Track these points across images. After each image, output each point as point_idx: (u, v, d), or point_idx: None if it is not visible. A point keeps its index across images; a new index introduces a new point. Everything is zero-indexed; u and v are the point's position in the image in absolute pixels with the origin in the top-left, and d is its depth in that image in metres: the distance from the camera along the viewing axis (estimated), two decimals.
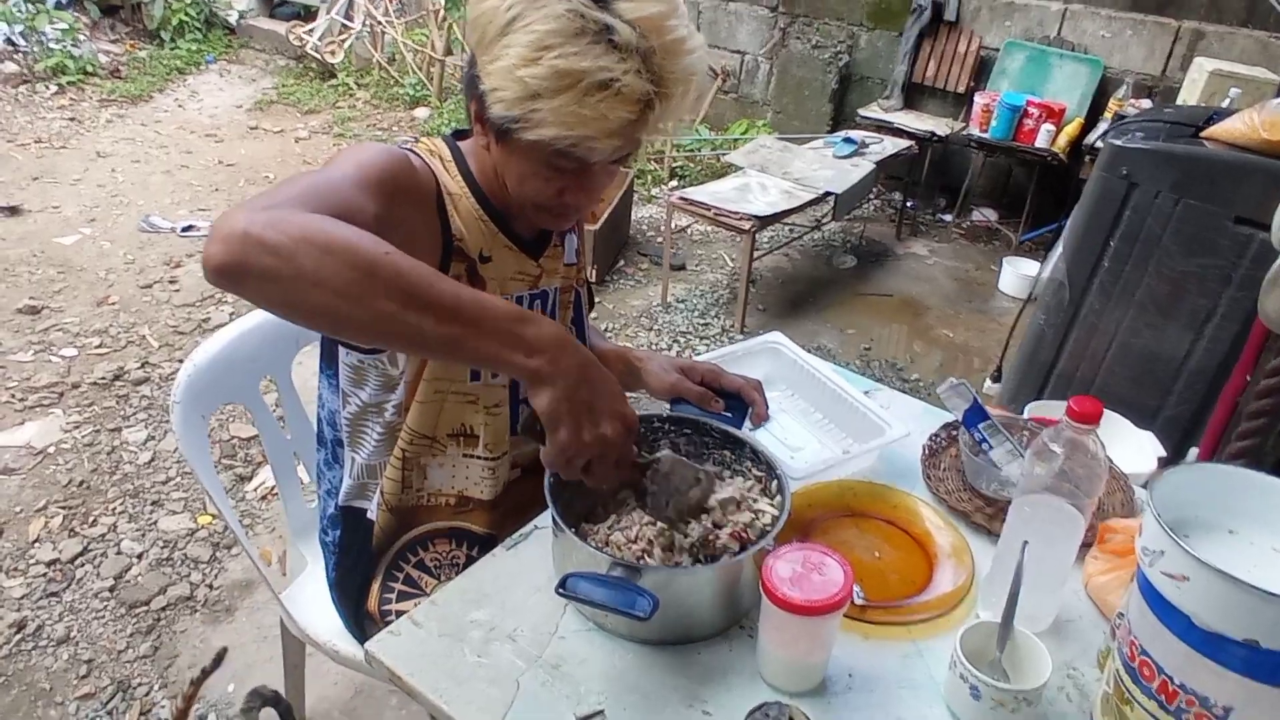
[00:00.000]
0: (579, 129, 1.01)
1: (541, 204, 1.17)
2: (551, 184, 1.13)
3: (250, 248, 0.81)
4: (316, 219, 0.85)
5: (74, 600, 2.31)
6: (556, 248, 1.35)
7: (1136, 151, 2.10)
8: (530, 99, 1.00)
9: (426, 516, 1.37)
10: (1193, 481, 0.86)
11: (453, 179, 1.21)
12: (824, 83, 5.46)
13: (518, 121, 1.03)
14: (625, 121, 1.02)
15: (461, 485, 1.35)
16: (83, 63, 6.11)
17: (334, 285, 0.83)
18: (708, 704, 1.01)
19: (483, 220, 1.23)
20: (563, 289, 1.38)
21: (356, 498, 1.38)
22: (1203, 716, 0.81)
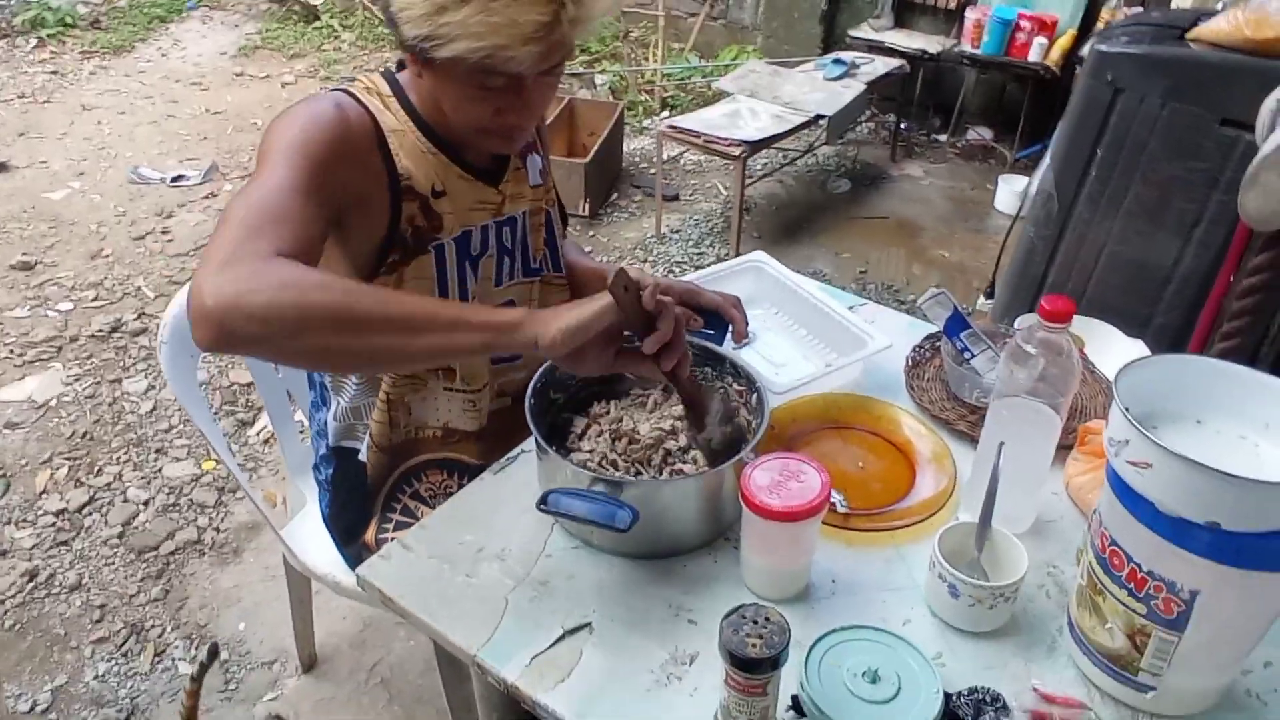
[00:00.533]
0: (491, 38, 0.99)
1: (483, 128, 1.15)
2: (486, 104, 1.11)
3: (228, 323, 0.86)
4: (276, 275, 0.88)
5: (84, 548, 2.35)
6: (519, 170, 1.33)
7: (1122, 56, 2.07)
8: (436, 13, 0.99)
9: (417, 449, 1.39)
10: (1160, 374, 0.86)
11: (394, 115, 1.19)
12: (813, 4, 5.33)
13: (429, 40, 1.01)
14: (537, 24, 1.00)
15: (445, 418, 1.36)
16: (61, 14, 5.99)
17: (316, 336, 0.89)
18: (693, 612, 1.04)
19: (431, 153, 1.21)
20: (532, 212, 1.36)
21: (346, 438, 1.39)
22: (1171, 601, 0.82)
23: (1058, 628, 1.01)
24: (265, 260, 0.90)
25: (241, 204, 0.97)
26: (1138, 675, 0.89)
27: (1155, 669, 0.87)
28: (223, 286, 0.86)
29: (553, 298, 1.43)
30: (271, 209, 0.97)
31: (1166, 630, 0.84)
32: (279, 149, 1.04)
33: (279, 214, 0.97)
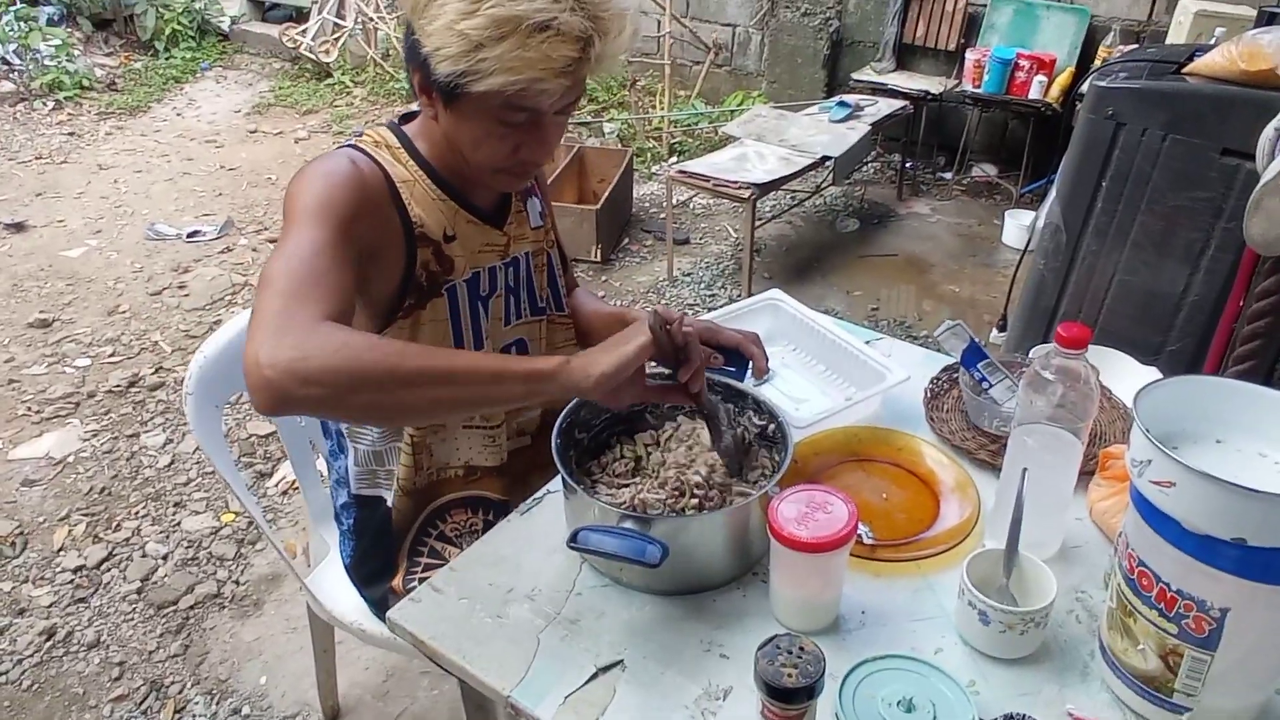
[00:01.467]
0: (526, 72, 1.04)
1: (499, 166, 1.19)
2: (506, 141, 1.16)
3: (287, 388, 0.90)
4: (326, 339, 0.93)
5: (102, 605, 2.35)
6: (520, 213, 1.37)
7: (1121, 91, 2.11)
8: (474, 50, 1.03)
9: (440, 490, 1.40)
10: (1179, 395, 0.88)
11: (404, 166, 1.23)
12: (815, 49, 5.43)
13: (465, 76, 1.05)
14: (569, 60, 1.05)
15: (467, 456, 1.38)
16: (78, 77, 6.14)
17: (368, 394, 0.93)
18: (724, 647, 1.04)
19: (440, 200, 1.25)
20: (534, 253, 1.40)
21: (368, 485, 1.41)
22: (1201, 619, 0.83)
23: (1089, 652, 1.01)
24: (313, 326, 0.94)
25: (278, 270, 1.00)
26: (1172, 696, 0.89)
27: (1190, 689, 0.87)
28: (277, 355, 0.90)
29: (558, 335, 1.47)
30: (308, 273, 1.01)
31: (1199, 649, 0.84)
32: (303, 210, 1.08)
33: (315, 277, 1.01)
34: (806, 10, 5.43)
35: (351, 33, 6.67)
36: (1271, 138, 1.72)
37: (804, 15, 5.43)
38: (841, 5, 5.35)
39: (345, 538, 1.48)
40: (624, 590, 1.12)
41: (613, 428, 1.28)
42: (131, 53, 6.90)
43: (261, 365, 0.90)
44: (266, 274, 1.00)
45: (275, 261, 1.02)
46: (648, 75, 6.08)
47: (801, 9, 5.44)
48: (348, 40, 6.67)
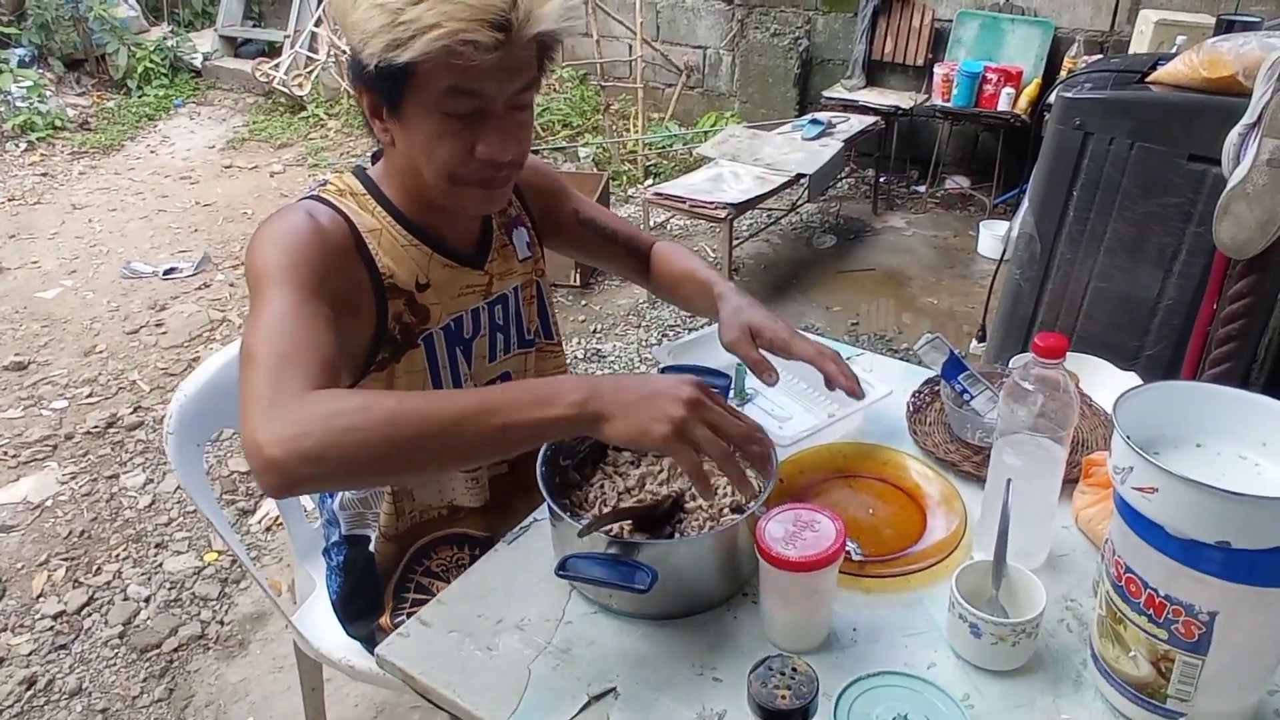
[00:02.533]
0: (449, 24, 0.98)
1: (457, 173, 1.12)
2: (460, 139, 1.09)
3: (291, 469, 0.86)
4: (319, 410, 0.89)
5: (83, 651, 2.31)
6: (506, 247, 1.34)
7: (1087, 101, 2.14)
8: (395, 16, 0.98)
9: (424, 530, 1.39)
10: (1158, 400, 0.89)
11: (370, 214, 1.19)
12: (786, 69, 5.49)
13: (390, 49, 1.00)
14: (494, 9, 0.99)
15: (449, 496, 1.37)
16: (50, 118, 6.11)
17: (374, 459, 0.88)
18: (717, 669, 1.03)
19: (412, 245, 1.20)
20: (523, 285, 1.37)
21: (357, 525, 1.39)
22: (1191, 624, 0.83)
23: (1081, 661, 1.01)
24: (303, 398, 0.91)
25: (257, 344, 0.97)
26: (1166, 702, 0.89)
27: (1183, 694, 0.87)
28: (276, 434, 0.87)
29: (547, 363, 1.44)
30: (288, 342, 0.97)
31: (1190, 654, 0.85)
32: (269, 276, 1.04)
33: (296, 344, 0.97)
34: (776, 31, 5.49)
35: (324, 66, 6.68)
36: (1236, 143, 1.75)
37: (773, 35, 5.49)
38: (810, 24, 5.42)
39: (333, 574, 1.47)
40: (614, 616, 1.11)
41: (598, 453, 1.28)
42: (104, 92, 6.88)
43: (263, 447, 0.87)
44: (246, 349, 0.97)
45: (252, 335, 0.98)
46: (621, 99, 6.12)
47: (771, 29, 5.51)
48: (320, 73, 6.68)
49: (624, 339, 3.69)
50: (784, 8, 5.44)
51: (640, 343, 3.67)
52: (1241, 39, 1.95)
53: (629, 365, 3.51)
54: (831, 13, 5.32)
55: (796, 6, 5.40)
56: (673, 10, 5.85)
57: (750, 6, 5.54)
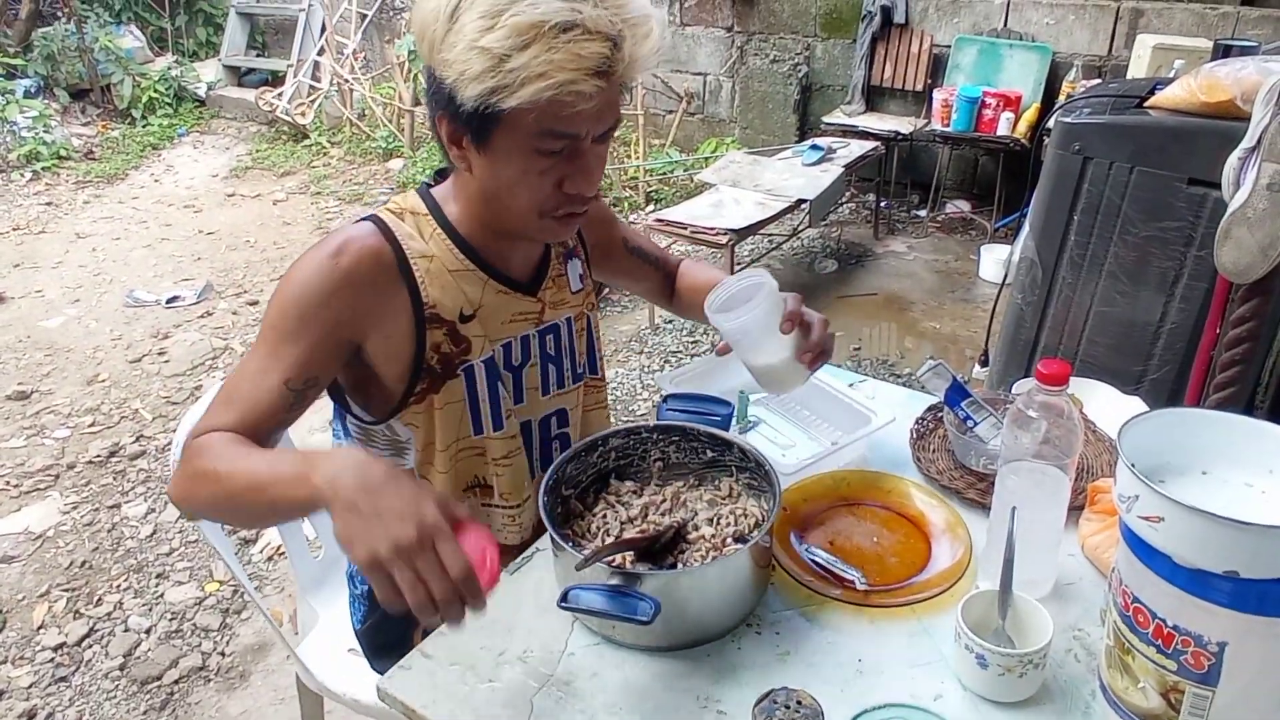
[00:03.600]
0: (557, 75, 0.97)
1: (544, 207, 1.12)
2: (547, 177, 1.09)
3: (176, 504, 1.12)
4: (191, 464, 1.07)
5: (84, 683, 2.29)
6: (560, 277, 1.33)
7: (1086, 126, 2.15)
8: (499, 63, 0.97)
9: None
10: (1162, 428, 0.88)
11: (427, 240, 1.19)
12: (786, 95, 5.53)
13: (495, 93, 0.99)
14: (600, 57, 0.99)
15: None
16: (56, 148, 6.16)
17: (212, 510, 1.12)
18: (721, 702, 1.02)
19: (467, 270, 1.20)
20: (575, 318, 1.35)
21: None
22: (1200, 655, 0.82)
23: (1090, 692, 1.00)
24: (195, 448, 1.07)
25: (228, 382, 1.14)
26: None
27: None
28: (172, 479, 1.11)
29: (591, 399, 1.42)
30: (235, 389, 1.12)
31: (1199, 685, 0.84)
32: (272, 321, 1.13)
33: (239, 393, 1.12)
34: (775, 57, 5.53)
35: (327, 94, 6.74)
36: (1236, 167, 1.76)
37: (773, 62, 5.53)
38: (809, 51, 5.46)
39: (358, 601, 1.44)
40: (617, 648, 1.10)
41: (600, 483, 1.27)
42: (109, 121, 6.93)
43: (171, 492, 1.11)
44: (224, 383, 1.15)
45: (232, 374, 1.14)
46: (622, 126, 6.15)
47: (770, 56, 5.55)
48: (323, 102, 6.74)
49: (626, 365, 3.69)
50: (783, 34, 5.49)
51: (643, 369, 3.67)
52: (1239, 63, 1.96)
53: (631, 391, 3.51)
54: (830, 39, 5.36)
55: (796, 33, 5.45)
56: (674, 37, 5.90)
57: (750, 33, 5.59)
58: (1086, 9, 4.59)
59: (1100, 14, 4.57)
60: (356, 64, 6.73)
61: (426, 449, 1.25)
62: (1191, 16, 4.34)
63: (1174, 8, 4.39)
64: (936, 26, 5.02)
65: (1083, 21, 4.62)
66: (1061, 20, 4.67)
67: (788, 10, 5.42)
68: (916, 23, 5.06)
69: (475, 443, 1.27)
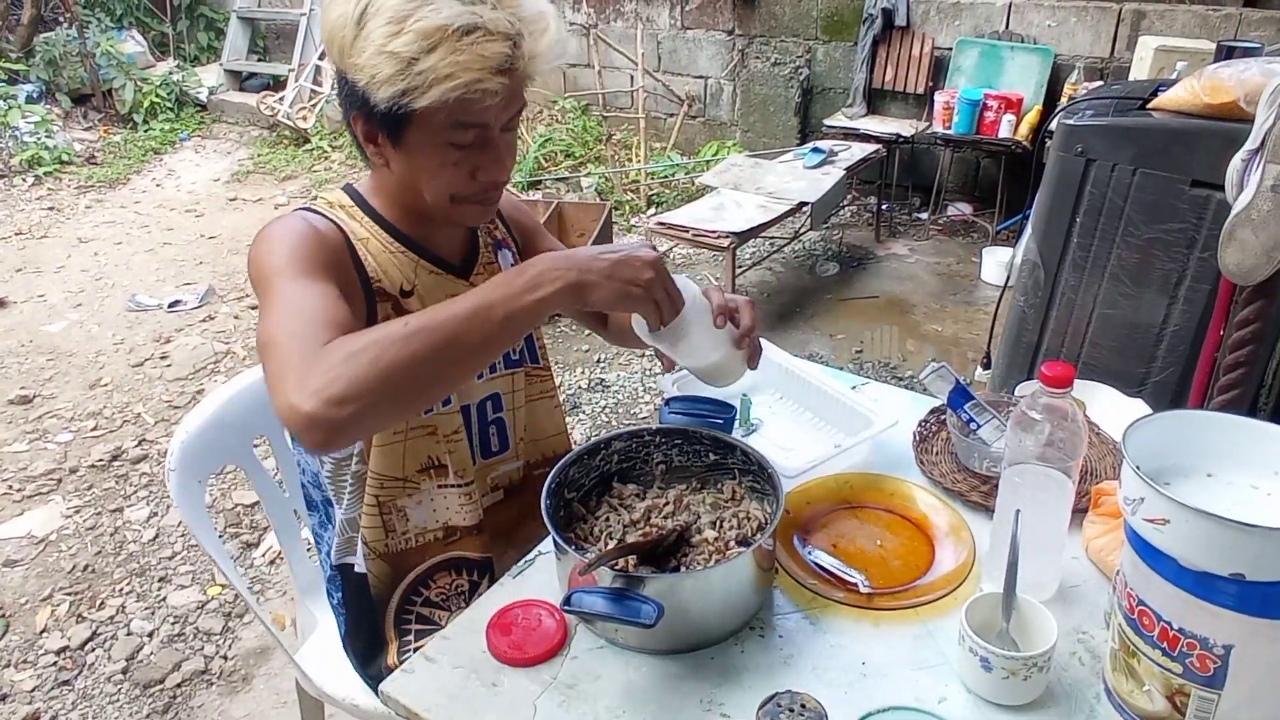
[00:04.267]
0: (463, 75, 1.03)
1: (461, 193, 1.18)
2: (462, 167, 1.15)
3: (325, 415, 0.89)
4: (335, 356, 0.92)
5: (86, 687, 2.29)
6: (491, 264, 1.36)
7: (1088, 129, 2.15)
8: (408, 66, 1.03)
9: (419, 557, 1.38)
10: (1167, 430, 0.88)
11: (359, 224, 1.23)
12: (787, 98, 5.53)
13: (405, 94, 1.04)
14: (502, 56, 1.05)
15: (444, 517, 1.36)
16: (58, 153, 6.17)
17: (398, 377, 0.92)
18: (724, 705, 1.02)
19: (400, 252, 1.25)
20: None
21: (345, 554, 1.38)
22: (1205, 658, 0.82)
23: (1095, 695, 1.00)
24: (320, 352, 0.93)
25: (272, 330, 1.00)
26: None
27: None
28: (305, 391, 0.90)
29: (535, 387, 1.46)
30: (300, 319, 1.00)
31: (1205, 688, 0.83)
32: (274, 269, 1.08)
33: (308, 319, 1.00)
34: (776, 60, 5.53)
35: (328, 99, 6.75)
36: (1239, 168, 1.75)
37: (774, 65, 5.53)
38: (810, 54, 5.46)
39: (337, 612, 1.45)
40: (620, 651, 1.10)
41: (603, 487, 1.27)
42: (110, 126, 6.95)
43: (296, 407, 0.90)
44: (262, 340, 1.00)
45: (266, 326, 1.01)
46: (623, 129, 6.16)
47: (771, 59, 5.55)
48: (324, 106, 6.74)
49: (627, 368, 3.69)
50: (784, 37, 5.49)
51: (644, 372, 3.67)
52: (1242, 65, 1.96)
53: (633, 395, 3.50)
54: (831, 42, 5.36)
55: (797, 36, 5.45)
56: (674, 41, 5.90)
57: (751, 36, 5.60)
58: (1088, 11, 4.59)
59: (1102, 16, 4.57)
60: None
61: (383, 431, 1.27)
62: (1194, 18, 4.34)
63: (1176, 9, 4.39)
64: (938, 29, 5.02)
65: (1084, 24, 4.62)
66: (1063, 22, 4.67)
67: (789, 13, 5.42)
68: (918, 25, 5.06)
69: (425, 421, 1.30)
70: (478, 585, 1.40)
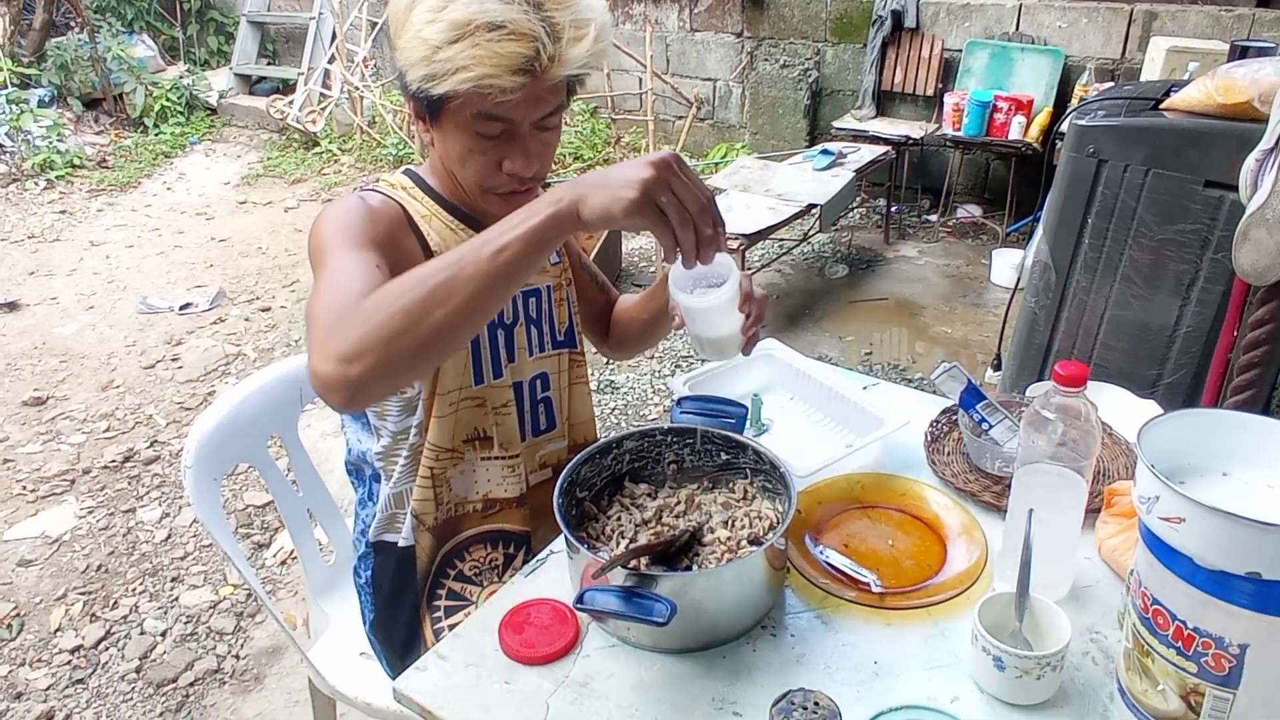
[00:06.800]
0: (477, 69, 1.06)
1: (489, 183, 1.21)
2: (489, 156, 1.18)
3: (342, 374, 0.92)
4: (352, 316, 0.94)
5: (100, 685, 2.30)
6: None
7: (1101, 129, 2.14)
8: (433, 53, 1.07)
9: (457, 527, 1.39)
10: (1182, 429, 0.87)
11: (420, 203, 1.27)
12: (796, 100, 5.53)
13: (427, 80, 1.09)
14: (521, 57, 1.07)
15: (485, 489, 1.38)
16: (69, 156, 6.21)
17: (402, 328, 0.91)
18: (737, 704, 1.02)
19: (461, 229, 1.28)
20: (555, 287, 1.42)
21: (386, 530, 1.39)
22: (1220, 657, 0.82)
23: (1108, 694, 0.99)
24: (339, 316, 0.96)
25: (319, 301, 1.03)
26: None
27: None
28: (325, 355, 0.93)
29: (574, 372, 1.48)
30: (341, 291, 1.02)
31: (1220, 688, 0.83)
32: (326, 245, 1.13)
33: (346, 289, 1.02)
34: (785, 62, 5.53)
35: (338, 102, 6.77)
36: (1253, 169, 1.75)
37: (783, 67, 5.53)
38: (819, 56, 5.46)
39: (363, 592, 1.45)
40: (632, 650, 1.10)
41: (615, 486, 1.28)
42: (121, 130, 6.99)
43: (315, 370, 0.94)
44: (310, 309, 1.02)
45: (315, 297, 1.03)
46: (632, 131, 6.17)
47: (780, 61, 5.55)
48: (334, 110, 6.77)
49: (637, 370, 3.69)
50: (793, 39, 5.49)
51: (654, 374, 3.67)
52: (1257, 65, 1.96)
53: (642, 396, 3.51)
54: (840, 44, 5.36)
55: (806, 38, 5.45)
56: (682, 43, 5.91)
57: (759, 39, 5.60)
58: (1099, 12, 4.58)
59: (1113, 17, 4.55)
60: (367, 71, 6.76)
61: (429, 398, 1.30)
62: (1206, 19, 4.32)
63: (1188, 10, 4.38)
64: (947, 30, 5.01)
65: (1095, 24, 4.61)
66: (1074, 23, 4.66)
67: (798, 15, 5.42)
68: (927, 27, 5.05)
69: (475, 393, 1.32)
70: (513, 559, 1.41)
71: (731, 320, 1.16)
